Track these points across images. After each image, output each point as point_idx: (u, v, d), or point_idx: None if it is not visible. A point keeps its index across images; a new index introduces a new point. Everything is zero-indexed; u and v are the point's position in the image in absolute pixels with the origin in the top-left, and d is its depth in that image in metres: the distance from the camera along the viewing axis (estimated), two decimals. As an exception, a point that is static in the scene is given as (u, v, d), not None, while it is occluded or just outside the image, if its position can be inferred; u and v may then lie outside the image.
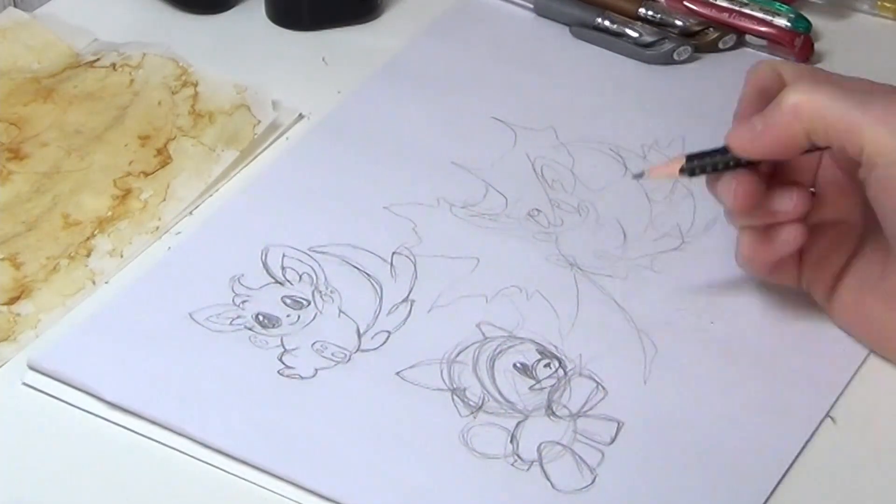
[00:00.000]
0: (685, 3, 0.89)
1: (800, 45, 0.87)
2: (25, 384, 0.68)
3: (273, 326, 0.70)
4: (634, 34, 0.88)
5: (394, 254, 0.74)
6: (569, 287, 0.73)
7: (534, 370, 0.68)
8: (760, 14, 0.88)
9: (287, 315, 0.71)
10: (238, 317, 0.70)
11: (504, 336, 0.70)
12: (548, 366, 0.69)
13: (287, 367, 0.68)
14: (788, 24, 0.88)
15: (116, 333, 0.69)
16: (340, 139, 0.81)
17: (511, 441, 0.65)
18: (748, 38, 0.88)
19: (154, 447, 0.65)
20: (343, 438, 0.65)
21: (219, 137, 0.80)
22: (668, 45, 0.87)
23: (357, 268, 0.73)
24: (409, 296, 0.72)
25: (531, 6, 0.91)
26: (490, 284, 0.72)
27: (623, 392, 0.67)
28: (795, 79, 0.69)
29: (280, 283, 0.72)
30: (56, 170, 0.79)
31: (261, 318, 0.70)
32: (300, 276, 0.73)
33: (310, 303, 0.71)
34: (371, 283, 0.72)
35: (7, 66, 0.86)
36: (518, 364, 0.69)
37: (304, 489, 0.63)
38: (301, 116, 0.83)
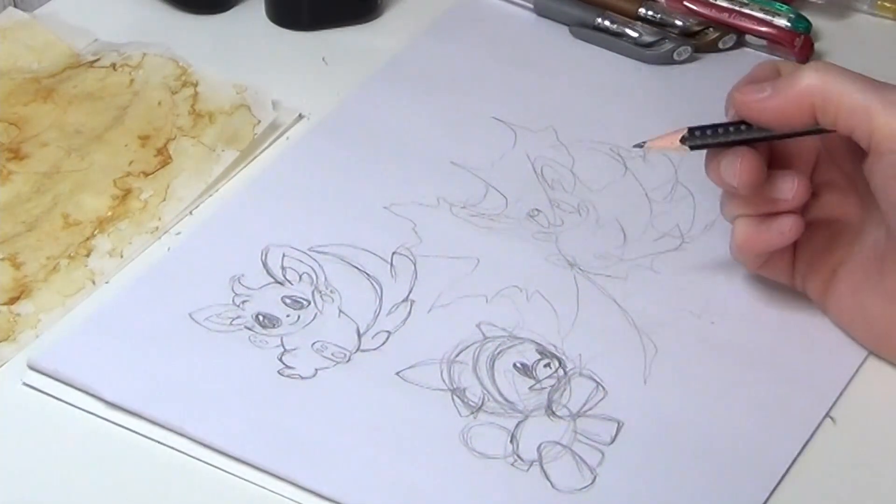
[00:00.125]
0: (685, 3, 0.89)
1: (800, 45, 0.87)
2: (25, 384, 0.68)
3: (273, 326, 0.70)
4: (634, 34, 0.88)
5: (394, 254, 0.74)
6: (569, 287, 0.73)
7: (534, 370, 0.68)
8: (760, 14, 0.88)
9: (287, 315, 0.71)
10: (238, 317, 0.70)
11: (504, 336, 0.70)
12: (548, 366, 0.69)
13: (287, 367, 0.68)
14: (788, 24, 0.88)
15: (116, 333, 0.69)
16: (340, 139, 0.81)
17: (511, 441, 0.65)
18: (748, 38, 0.88)
19: (154, 447, 0.65)
20: (343, 438, 0.65)
21: (219, 137, 0.80)
22: (668, 45, 0.87)
23: (357, 268, 0.73)
24: (409, 296, 0.72)
25: (531, 6, 0.91)
26: (490, 284, 0.72)
27: (623, 392, 0.67)
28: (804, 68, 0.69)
29: (280, 283, 0.72)
30: (56, 170, 0.79)
31: (261, 318, 0.70)
32: (300, 276, 0.73)
33: (310, 303, 0.71)
34: (371, 283, 0.72)
35: (7, 66, 0.86)
36: (518, 364, 0.69)
37: (304, 489, 0.63)
38: (301, 116, 0.83)
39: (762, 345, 0.70)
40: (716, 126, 0.68)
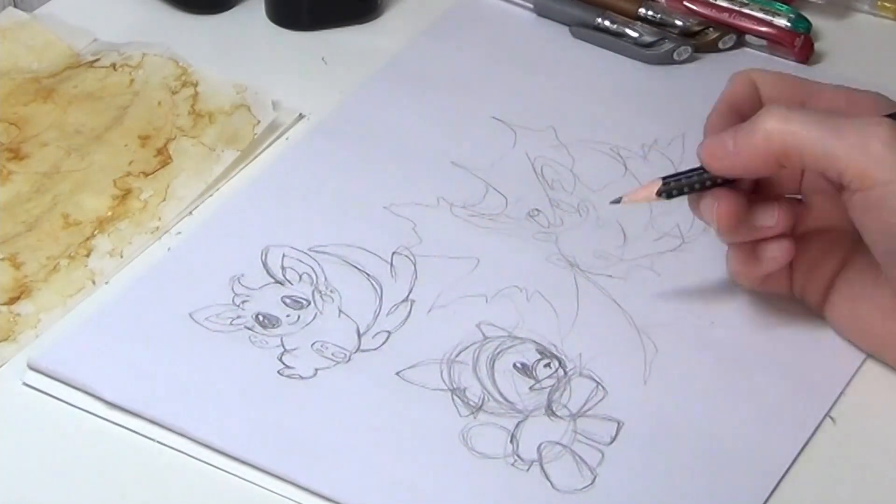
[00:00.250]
0: (685, 3, 0.89)
1: (800, 45, 0.87)
2: (25, 384, 0.68)
3: (273, 326, 0.70)
4: (634, 34, 0.88)
5: (394, 254, 0.74)
6: (569, 287, 0.73)
7: (534, 370, 0.68)
8: (760, 14, 0.88)
9: (287, 315, 0.71)
10: (238, 317, 0.70)
11: (504, 336, 0.70)
12: (548, 366, 0.69)
13: (287, 367, 0.68)
14: (788, 24, 0.88)
15: (116, 333, 0.69)
16: (340, 139, 0.81)
17: (511, 441, 0.65)
18: (748, 38, 0.88)
19: (154, 447, 0.65)
20: (343, 438, 0.65)
21: (219, 137, 0.80)
22: (668, 45, 0.87)
23: (357, 268, 0.73)
24: (409, 296, 0.72)
25: (531, 6, 0.91)
26: (490, 284, 0.72)
27: (623, 392, 0.67)
28: (770, 95, 0.68)
29: (280, 283, 0.72)
30: (56, 170, 0.79)
31: (261, 318, 0.70)
32: (300, 276, 0.73)
33: (310, 303, 0.71)
34: (371, 283, 0.72)
35: (7, 66, 0.86)
36: (518, 364, 0.69)
37: (304, 489, 0.63)
38: (301, 116, 0.83)
39: (762, 345, 0.70)
40: (690, 172, 0.67)
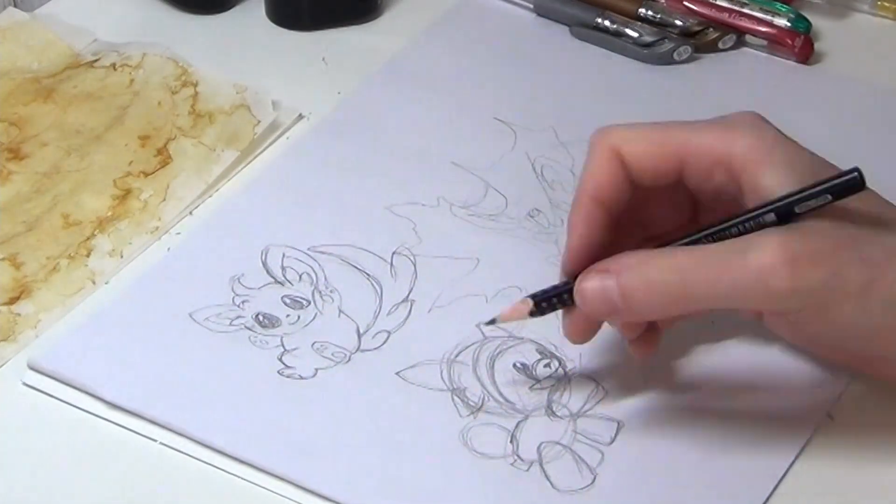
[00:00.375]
0: (685, 3, 0.89)
1: (800, 45, 0.87)
2: (25, 384, 0.68)
3: (273, 326, 0.70)
4: (634, 34, 0.88)
5: (394, 254, 0.74)
6: (569, 287, 0.73)
7: (534, 370, 0.68)
8: (760, 14, 0.88)
9: (287, 315, 0.71)
10: (238, 317, 0.70)
11: (504, 336, 0.70)
12: (548, 366, 0.69)
13: (287, 367, 0.68)
14: (788, 24, 0.88)
15: (116, 333, 0.69)
16: (340, 139, 0.81)
17: (511, 441, 0.65)
18: (748, 38, 0.88)
19: (154, 447, 0.65)
20: (343, 438, 0.65)
21: (219, 137, 0.80)
22: (668, 45, 0.87)
23: (357, 268, 0.73)
24: (409, 296, 0.72)
25: (531, 6, 0.91)
26: (490, 284, 0.72)
27: (623, 392, 0.67)
28: (641, 169, 0.64)
29: (280, 283, 0.72)
30: (56, 170, 0.79)
31: (261, 318, 0.70)
32: (300, 276, 0.73)
33: (310, 303, 0.71)
34: (371, 283, 0.72)
35: (7, 66, 0.86)
36: (518, 364, 0.69)
37: (304, 489, 0.63)
38: (301, 116, 0.83)
39: (762, 345, 0.70)
40: (560, 291, 0.65)
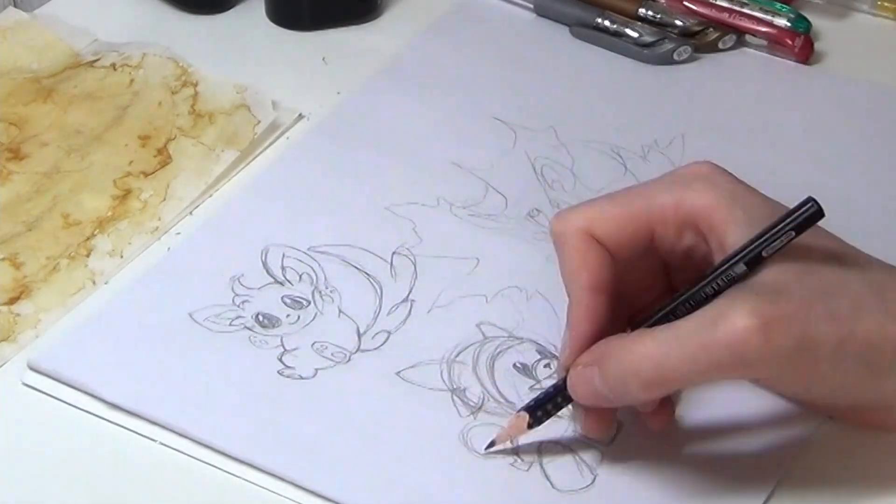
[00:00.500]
0: (685, 3, 0.89)
1: (799, 45, 0.87)
2: (25, 384, 0.68)
3: (273, 326, 0.70)
4: (634, 34, 0.88)
5: (394, 254, 0.74)
6: (569, 287, 0.73)
7: (534, 370, 0.68)
8: (760, 14, 0.88)
9: (287, 315, 0.71)
10: (238, 317, 0.70)
11: (504, 336, 0.70)
12: (548, 366, 0.69)
13: (287, 367, 0.68)
14: (788, 24, 0.88)
15: (116, 333, 0.69)
16: (340, 139, 0.81)
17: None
18: (748, 38, 0.88)
19: (154, 447, 0.65)
20: (343, 438, 0.65)
21: (219, 137, 0.80)
22: (668, 45, 0.87)
23: (357, 268, 0.73)
24: (409, 296, 0.72)
25: (531, 6, 0.91)
26: (490, 284, 0.72)
27: (623, 392, 0.67)
28: (616, 243, 0.63)
29: (280, 283, 0.72)
30: (56, 170, 0.79)
31: (261, 318, 0.70)
32: (300, 276, 0.73)
33: (310, 303, 0.71)
34: (371, 283, 0.72)
35: (7, 66, 0.86)
36: (518, 364, 0.69)
37: (304, 489, 0.63)
38: (301, 116, 0.83)
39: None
40: (552, 396, 0.63)
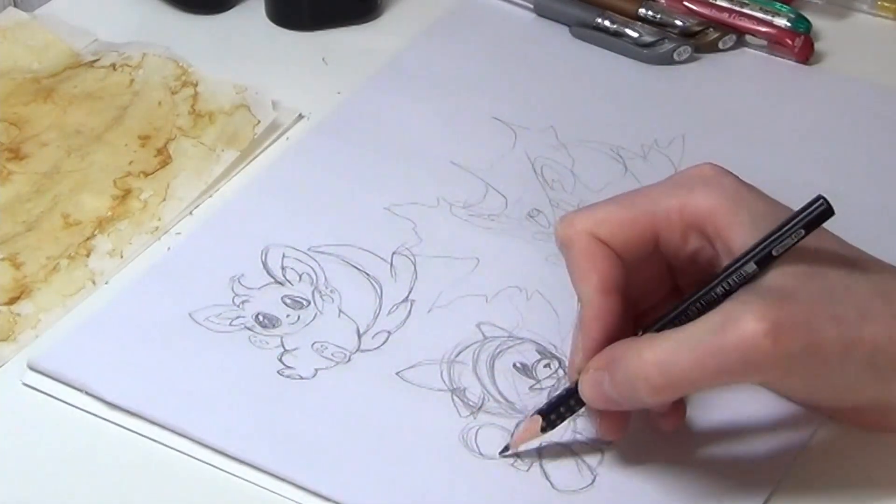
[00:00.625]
0: (685, 3, 0.89)
1: (800, 45, 0.87)
2: (25, 384, 0.68)
3: (273, 326, 0.70)
4: (634, 34, 0.88)
5: (394, 254, 0.74)
6: (569, 287, 0.72)
7: (534, 370, 0.68)
8: (760, 14, 0.88)
9: (287, 315, 0.71)
10: (238, 317, 0.70)
11: (504, 336, 0.70)
12: (548, 366, 0.69)
13: (287, 367, 0.68)
14: (788, 24, 0.88)
15: (116, 333, 0.69)
16: (340, 139, 0.81)
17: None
18: (748, 38, 0.89)
19: (154, 447, 0.65)
20: (343, 438, 0.65)
21: (219, 137, 0.80)
22: (668, 45, 0.87)
23: (357, 268, 0.73)
24: (409, 296, 0.72)
25: (531, 6, 0.91)
26: (490, 284, 0.72)
27: (623, 392, 0.67)
28: (622, 244, 0.63)
29: (280, 283, 0.72)
30: (56, 170, 0.79)
31: (261, 318, 0.70)
32: (300, 276, 0.73)
33: (310, 303, 0.71)
34: (371, 283, 0.72)
35: (7, 66, 0.86)
36: (518, 364, 0.69)
37: (304, 489, 0.63)
38: (301, 116, 0.83)
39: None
40: (565, 399, 0.63)
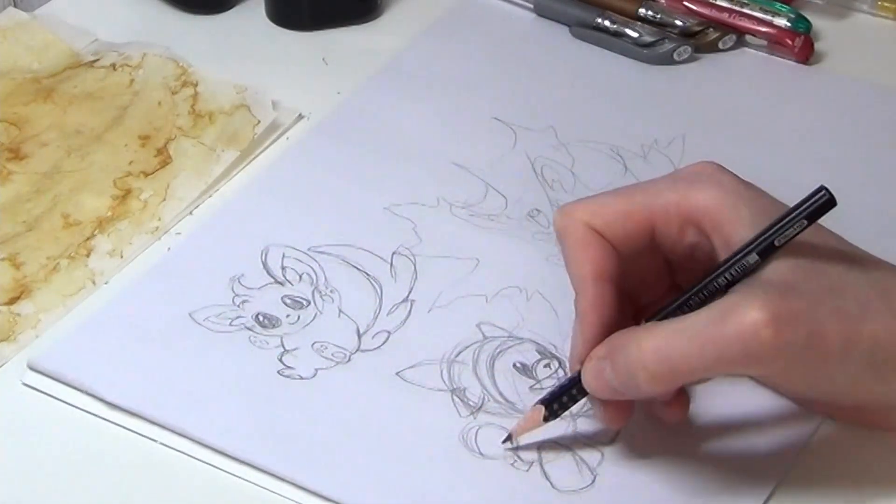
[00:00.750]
0: (685, 3, 0.89)
1: (800, 45, 0.87)
2: (25, 384, 0.68)
3: (273, 326, 0.70)
4: (634, 34, 0.88)
5: (394, 254, 0.74)
6: (569, 287, 0.72)
7: (534, 370, 0.68)
8: (760, 14, 0.88)
9: (287, 315, 0.71)
10: (238, 317, 0.70)
11: (504, 336, 0.70)
12: (548, 366, 0.69)
13: (287, 367, 0.68)
14: (788, 24, 0.88)
15: (116, 333, 0.69)
16: (340, 139, 0.81)
17: (511, 441, 0.65)
18: (748, 38, 0.88)
19: (154, 447, 0.65)
20: (343, 438, 0.65)
21: (219, 137, 0.80)
22: (668, 45, 0.87)
23: (357, 268, 0.73)
24: (409, 296, 0.72)
25: (531, 6, 0.91)
26: (490, 284, 0.72)
27: (623, 392, 0.67)
28: (617, 237, 0.63)
29: (280, 283, 0.72)
30: (56, 170, 0.79)
31: (261, 318, 0.70)
32: (300, 276, 0.73)
33: (310, 303, 0.71)
34: (371, 283, 0.72)
35: (7, 66, 0.86)
36: (518, 364, 0.69)
37: (304, 489, 0.63)
38: (301, 116, 0.83)
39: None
40: (567, 388, 0.63)
